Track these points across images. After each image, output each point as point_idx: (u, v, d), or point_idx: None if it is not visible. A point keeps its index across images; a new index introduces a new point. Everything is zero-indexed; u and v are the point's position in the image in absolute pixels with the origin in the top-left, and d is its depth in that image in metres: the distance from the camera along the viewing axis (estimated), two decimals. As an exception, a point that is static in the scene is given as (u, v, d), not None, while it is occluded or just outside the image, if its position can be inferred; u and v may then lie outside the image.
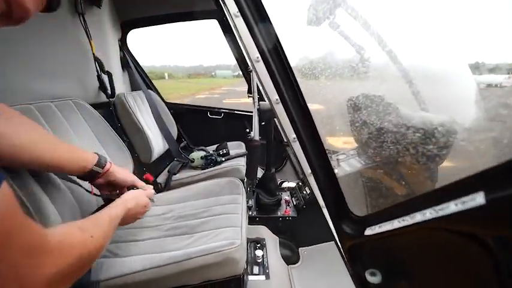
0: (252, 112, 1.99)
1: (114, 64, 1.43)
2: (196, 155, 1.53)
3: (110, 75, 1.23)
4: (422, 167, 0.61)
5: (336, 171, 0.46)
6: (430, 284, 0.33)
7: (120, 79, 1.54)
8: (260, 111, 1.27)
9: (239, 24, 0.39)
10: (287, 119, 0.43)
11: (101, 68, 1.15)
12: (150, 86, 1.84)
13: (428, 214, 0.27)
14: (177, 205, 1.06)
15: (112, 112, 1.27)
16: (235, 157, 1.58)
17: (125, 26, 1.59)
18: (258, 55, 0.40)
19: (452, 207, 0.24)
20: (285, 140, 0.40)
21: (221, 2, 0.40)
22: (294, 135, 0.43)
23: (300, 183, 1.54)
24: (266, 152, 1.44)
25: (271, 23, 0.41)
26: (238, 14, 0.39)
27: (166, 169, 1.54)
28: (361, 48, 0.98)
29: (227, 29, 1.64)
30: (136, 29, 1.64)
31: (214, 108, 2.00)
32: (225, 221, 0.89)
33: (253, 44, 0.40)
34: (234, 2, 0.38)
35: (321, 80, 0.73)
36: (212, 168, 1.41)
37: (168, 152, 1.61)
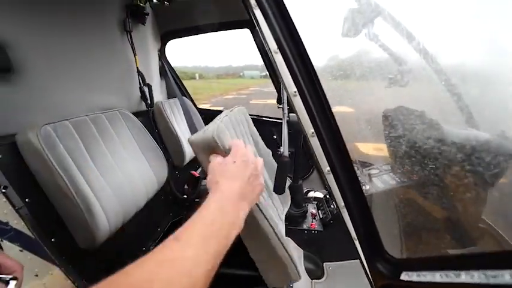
0: (278, 119, 2.00)
1: (153, 73, 1.54)
2: (225, 161, 1.59)
3: (149, 87, 1.33)
4: (468, 199, 0.55)
5: (369, 203, 0.45)
6: None
7: (158, 86, 1.66)
8: (289, 123, 1.27)
9: (278, 60, 0.40)
10: (322, 151, 0.42)
11: (143, 81, 1.26)
12: (184, 93, 1.94)
13: (476, 277, 0.25)
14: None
15: (150, 119, 1.38)
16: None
17: (164, 37, 1.70)
18: (296, 90, 0.41)
19: (507, 277, 0.22)
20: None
21: (262, 38, 0.42)
22: (328, 168, 0.43)
23: (328, 196, 1.51)
24: (294, 162, 1.43)
25: (309, 57, 0.41)
26: (278, 50, 0.40)
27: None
28: (402, 60, 0.92)
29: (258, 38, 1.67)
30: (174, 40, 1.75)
31: (243, 114, 2.04)
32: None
33: (291, 78, 0.41)
34: (274, 40, 0.39)
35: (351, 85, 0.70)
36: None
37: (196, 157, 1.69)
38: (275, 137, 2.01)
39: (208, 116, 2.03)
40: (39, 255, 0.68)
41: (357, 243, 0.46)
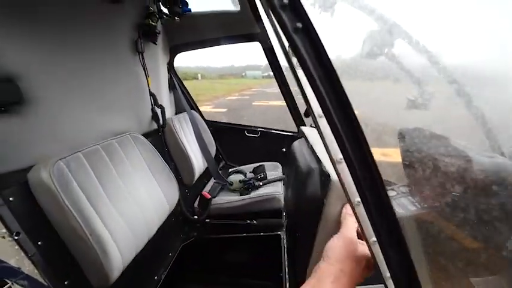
0: (287, 131, 1.97)
1: (163, 91, 1.51)
2: (235, 178, 1.55)
3: (162, 108, 1.30)
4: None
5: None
6: None
7: (167, 100, 1.63)
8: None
9: (322, 125, 0.36)
10: (351, 179, 0.37)
11: (154, 102, 1.23)
12: (193, 106, 1.91)
13: None
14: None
15: (162, 139, 1.35)
16: (273, 181, 1.56)
17: (173, 51, 1.67)
18: (341, 156, 0.37)
19: None
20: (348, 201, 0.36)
21: (307, 105, 0.38)
22: (358, 199, 0.37)
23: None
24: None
25: (357, 121, 0.38)
26: (323, 115, 0.36)
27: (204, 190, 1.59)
28: (423, 82, 0.88)
29: (268, 51, 1.63)
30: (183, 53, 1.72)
31: (251, 126, 2.01)
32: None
33: (336, 145, 0.37)
34: (318, 104, 0.36)
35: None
36: (251, 196, 1.41)
37: (205, 172, 1.66)
38: (284, 150, 1.97)
39: (217, 128, 2.00)
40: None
41: (389, 282, 0.40)
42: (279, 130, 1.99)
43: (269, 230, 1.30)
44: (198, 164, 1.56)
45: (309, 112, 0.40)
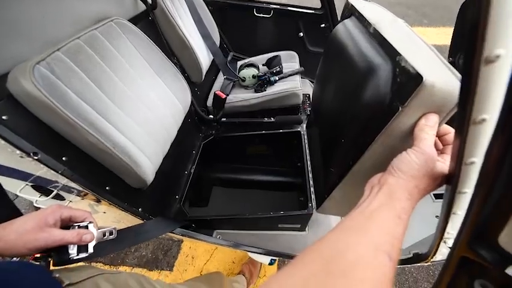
0: (308, 9, 1.53)
1: None
2: (247, 73, 1.36)
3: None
4: None
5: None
6: None
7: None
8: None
9: None
10: (500, 86, 0.25)
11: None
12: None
13: None
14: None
15: (153, 24, 1.05)
16: (290, 75, 1.38)
17: None
18: (500, 53, 0.23)
19: None
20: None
21: None
22: (487, 116, 0.27)
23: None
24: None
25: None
26: None
27: (213, 90, 1.45)
28: None
29: None
30: None
31: (263, 3, 1.56)
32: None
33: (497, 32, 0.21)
34: None
35: None
36: (267, 93, 1.29)
37: (211, 66, 1.45)
38: (301, 34, 1.63)
39: (218, 7, 1.57)
40: (97, 201, 0.70)
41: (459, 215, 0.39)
42: (297, 7, 1.56)
43: (288, 127, 1.28)
44: (204, 57, 1.32)
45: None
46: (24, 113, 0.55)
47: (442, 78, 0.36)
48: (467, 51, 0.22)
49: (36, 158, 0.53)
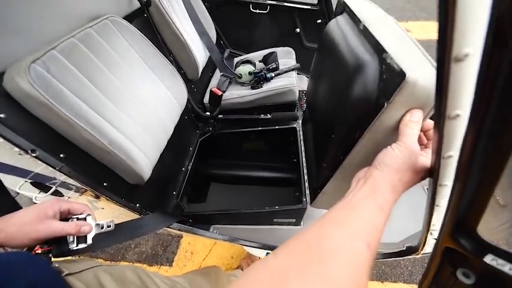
0: (303, 3, 1.53)
1: None
2: (243, 70, 1.37)
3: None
4: None
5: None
6: None
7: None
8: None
9: None
10: (470, 84, 0.26)
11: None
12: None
13: None
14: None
15: (148, 21, 1.05)
16: (286, 71, 1.39)
17: None
18: (468, 52, 0.24)
19: None
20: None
21: None
22: (460, 112, 0.28)
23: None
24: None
25: None
26: None
27: (209, 87, 1.45)
28: None
29: None
30: None
31: (259, -1, 1.55)
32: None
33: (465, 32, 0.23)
34: None
35: None
36: (263, 89, 1.29)
37: (208, 63, 1.45)
38: (298, 30, 1.63)
39: (213, 4, 1.57)
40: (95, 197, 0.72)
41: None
42: (293, 2, 1.55)
43: (284, 123, 1.29)
44: (200, 54, 1.33)
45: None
46: (21, 111, 0.56)
47: (425, 75, 0.38)
48: (438, 51, 0.24)
49: (34, 155, 0.54)
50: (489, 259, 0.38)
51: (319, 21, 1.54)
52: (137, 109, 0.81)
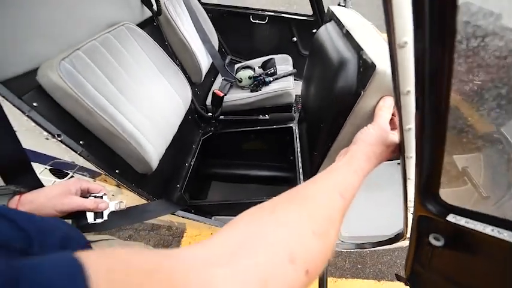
0: (299, 14, 1.65)
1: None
2: (243, 74, 1.47)
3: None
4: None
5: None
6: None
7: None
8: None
9: None
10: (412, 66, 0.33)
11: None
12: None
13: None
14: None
15: (158, 29, 1.16)
16: (283, 76, 1.49)
17: None
18: (406, 40, 0.32)
19: None
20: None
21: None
22: (410, 88, 0.34)
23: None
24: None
25: None
26: None
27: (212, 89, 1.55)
28: None
29: None
30: None
31: (258, 10, 1.68)
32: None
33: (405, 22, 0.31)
34: None
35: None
36: (262, 92, 1.39)
37: (211, 68, 1.56)
38: (295, 39, 1.75)
39: (217, 14, 1.69)
40: (109, 183, 0.79)
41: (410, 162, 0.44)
42: (290, 14, 1.68)
43: (281, 123, 1.37)
44: (203, 60, 1.43)
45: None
46: (50, 101, 0.65)
47: None
48: (388, 39, 0.32)
49: (59, 139, 0.62)
50: (450, 217, 0.45)
51: (314, 30, 1.66)
52: (147, 105, 0.90)
